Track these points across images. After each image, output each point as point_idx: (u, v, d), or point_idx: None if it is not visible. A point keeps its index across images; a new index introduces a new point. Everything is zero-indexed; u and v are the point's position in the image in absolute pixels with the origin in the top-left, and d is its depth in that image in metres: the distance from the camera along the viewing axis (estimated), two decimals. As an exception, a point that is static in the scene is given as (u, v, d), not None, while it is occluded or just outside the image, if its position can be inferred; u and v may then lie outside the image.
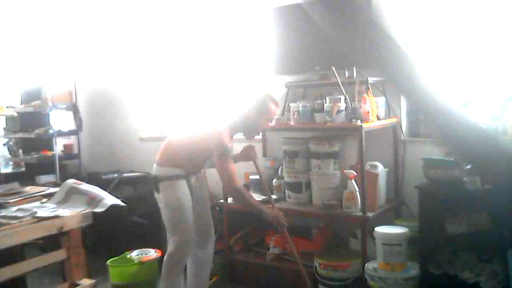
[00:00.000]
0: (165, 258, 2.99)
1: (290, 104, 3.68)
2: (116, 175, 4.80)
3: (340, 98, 3.34)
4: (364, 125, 3.18)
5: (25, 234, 2.52)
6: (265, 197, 3.72)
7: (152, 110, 5.16)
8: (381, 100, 3.52)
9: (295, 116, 3.56)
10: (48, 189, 3.19)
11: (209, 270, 3.26)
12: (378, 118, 3.41)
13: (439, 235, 3.05)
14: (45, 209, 2.74)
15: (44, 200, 2.97)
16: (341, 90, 3.31)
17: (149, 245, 4.34)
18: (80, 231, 2.84)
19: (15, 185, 4.40)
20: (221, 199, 3.88)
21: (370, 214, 3.22)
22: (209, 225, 3.21)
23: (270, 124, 3.34)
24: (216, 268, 3.87)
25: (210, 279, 3.81)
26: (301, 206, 3.59)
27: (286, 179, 3.70)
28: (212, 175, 4.44)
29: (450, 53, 3.51)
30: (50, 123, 5.29)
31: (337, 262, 3.27)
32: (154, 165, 3.01)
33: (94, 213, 2.80)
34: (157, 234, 4.35)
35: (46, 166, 5.16)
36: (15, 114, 5.44)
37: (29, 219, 2.57)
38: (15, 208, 2.73)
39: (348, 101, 3.33)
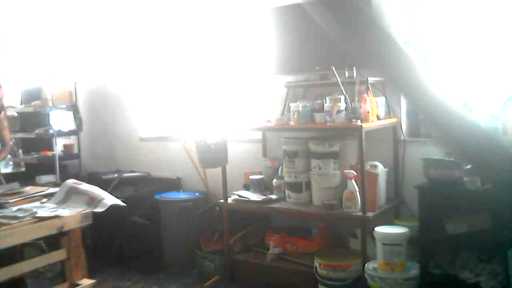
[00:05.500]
0: None
1: (290, 104, 3.68)
2: (116, 175, 4.80)
3: (340, 98, 3.34)
4: (364, 125, 3.18)
5: (25, 234, 2.52)
6: (265, 197, 3.72)
7: (152, 110, 5.16)
8: (381, 100, 3.52)
9: (295, 116, 3.56)
10: (48, 189, 3.19)
11: None
12: (378, 118, 3.41)
13: (439, 235, 3.05)
14: (45, 209, 2.74)
15: (44, 200, 2.97)
16: (341, 90, 3.31)
17: (149, 245, 4.35)
18: (80, 231, 2.84)
19: (15, 185, 4.39)
20: (221, 199, 3.88)
21: (370, 214, 3.22)
22: None
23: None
24: (216, 268, 3.87)
25: (210, 279, 3.83)
26: (301, 206, 3.59)
27: (286, 179, 3.70)
28: (212, 175, 4.45)
29: (450, 53, 3.51)
30: (50, 123, 5.29)
31: (337, 262, 3.27)
32: None
33: (94, 213, 2.80)
34: (157, 234, 4.35)
35: (46, 166, 5.15)
36: (15, 114, 5.44)
37: (29, 219, 2.57)
38: (15, 208, 2.73)
39: (348, 101, 3.33)
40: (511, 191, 1.14)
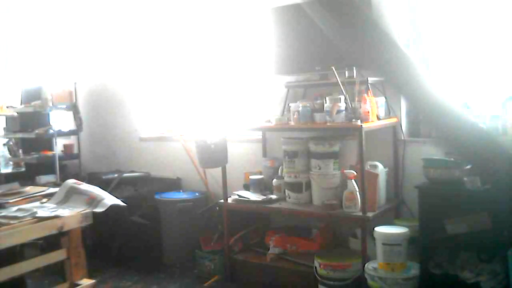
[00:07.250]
0: None
1: (290, 104, 3.68)
2: (116, 175, 4.80)
3: (340, 98, 3.34)
4: (364, 125, 3.18)
5: (25, 234, 2.52)
6: (265, 197, 3.72)
7: (152, 109, 5.16)
8: (381, 100, 3.52)
9: (295, 116, 3.56)
10: (48, 189, 3.19)
11: None
12: (378, 118, 3.41)
13: (439, 235, 3.05)
14: (45, 209, 2.74)
15: (44, 200, 2.97)
16: (341, 90, 3.31)
17: (149, 245, 4.36)
18: (80, 231, 2.84)
19: (15, 185, 4.40)
20: (221, 199, 3.88)
21: (370, 214, 3.22)
22: None
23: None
24: (216, 268, 3.87)
25: (210, 279, 3.83)
26: (301, 206, 3.59)
27: (286, 179, 3.70)
28: (212, 175, 4.45)
29: (450, 53, 3.51)
30: (50, 123, 5.29)
31: (337, 262, 3.27)
32: None
33: (94, 213, 2.80)
34: (157, 234, 4.36)
35: (46, 166, 5.16)
36: (15, 114, 5.44)
37: (29, 219, 2.57)
38: (15, 208, 2.73)
39: (348, 101, 3.33)
40: (511, 191, 1.14)
